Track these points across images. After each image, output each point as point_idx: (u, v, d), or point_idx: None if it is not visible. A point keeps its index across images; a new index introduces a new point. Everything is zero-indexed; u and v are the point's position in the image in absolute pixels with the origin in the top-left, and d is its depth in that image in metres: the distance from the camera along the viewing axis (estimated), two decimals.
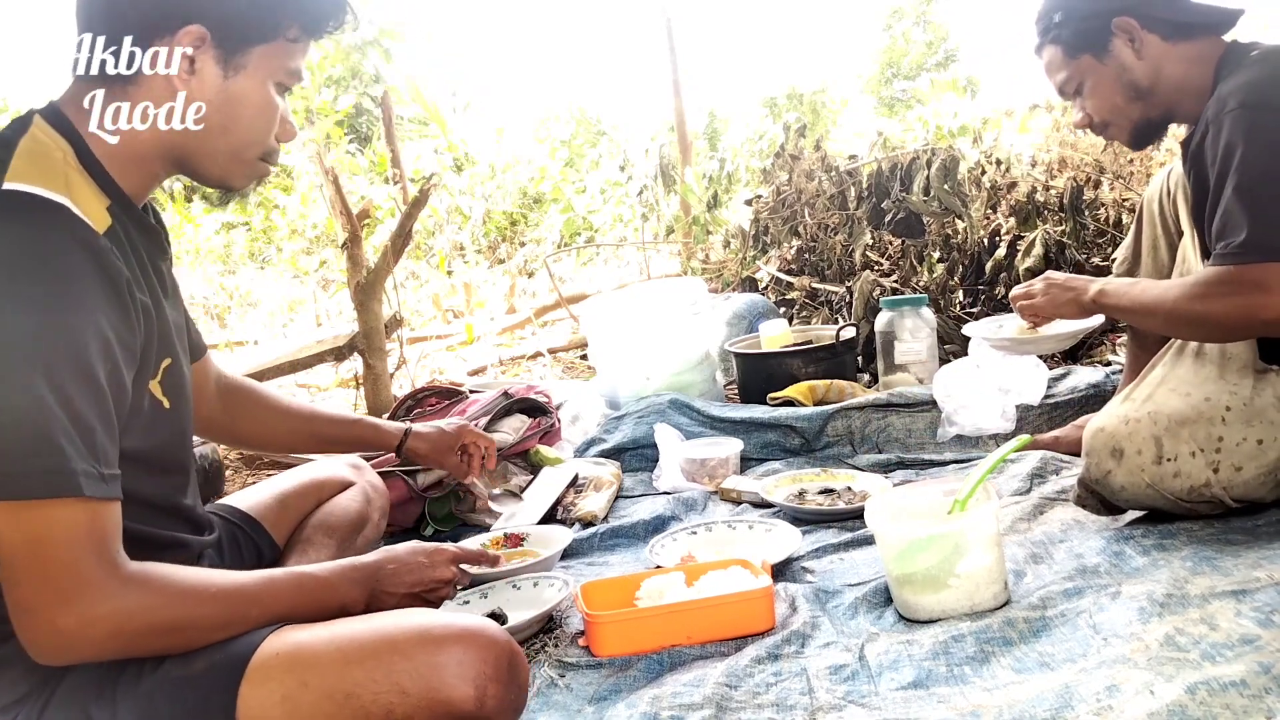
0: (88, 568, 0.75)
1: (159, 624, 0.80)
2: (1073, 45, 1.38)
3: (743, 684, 1.06)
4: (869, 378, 2.52)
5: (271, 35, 0.90)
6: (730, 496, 1.82)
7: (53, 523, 0.74)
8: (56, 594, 0.74)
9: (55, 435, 0.74)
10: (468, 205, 7.52)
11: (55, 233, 0.78)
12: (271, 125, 0.94)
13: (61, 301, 0.76)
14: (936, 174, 2.95)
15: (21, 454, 0.73)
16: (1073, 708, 0.89)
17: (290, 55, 0.93)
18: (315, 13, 0.94)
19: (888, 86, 15.21)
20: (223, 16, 0.87)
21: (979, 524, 1.16)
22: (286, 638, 0.84)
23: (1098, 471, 1.26)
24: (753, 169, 5.98)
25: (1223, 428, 1.20)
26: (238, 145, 0.93)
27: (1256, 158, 1.16)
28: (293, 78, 0.94)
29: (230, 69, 0.89)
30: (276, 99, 0.94)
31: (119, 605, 0.76)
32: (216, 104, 0.90)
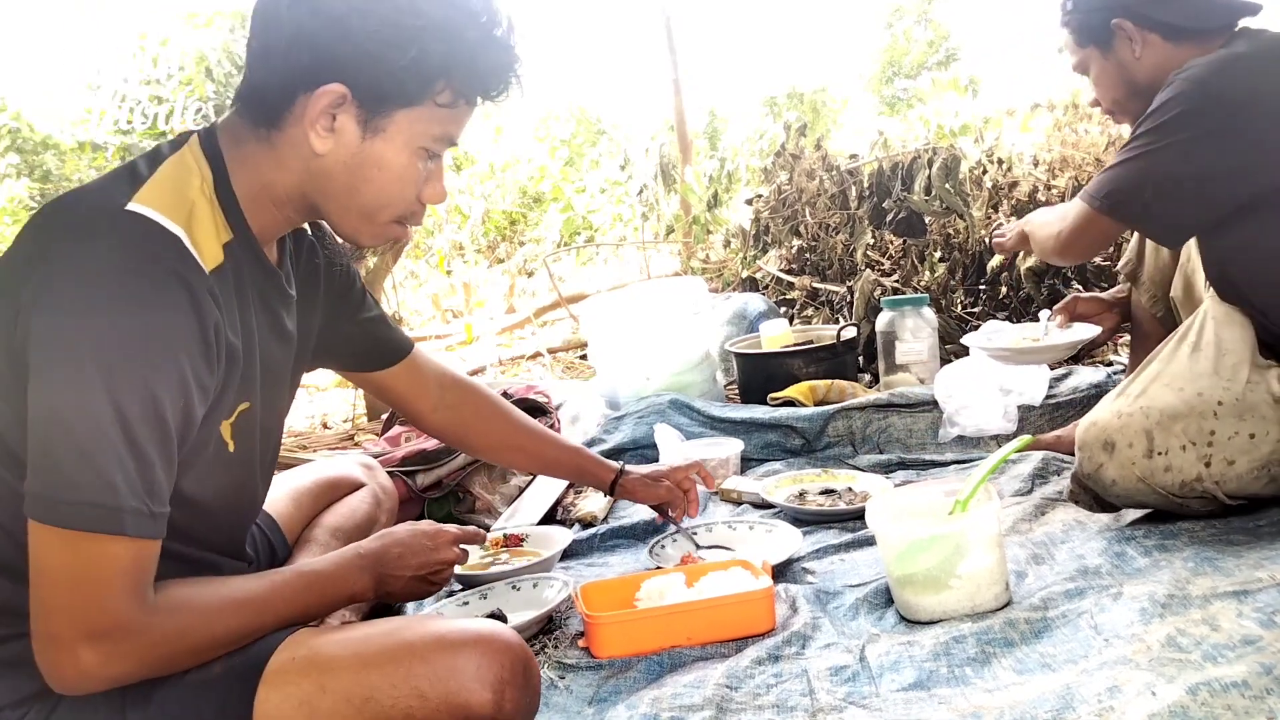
0: (121, 606, 0.75)
1: (179, 650, 0.80)
2: (1081, 35, 1.43)
3: (743, 685, 1.06)
4: (870, 378, 2.52)
5: (417, 99, 0.85)
6: (731, 497, 1.82)
7: (94, 557, 0.74)
8: (86, 629, 0.74)
9: (111, 470, 0.73)
10: (467, 204, 7.51)
11: (160, 265, 0.77)
12: (410, 190, 0.90)
13: (146, 334, 0.75)
14: (938, 173, 2.94)
15: (75, 484, 0.73)
16: (1074, 709, 0.89)
17: (440, 121, 0.87)
18: (469, 76, 0.87)
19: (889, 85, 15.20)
20: (366, 76, 0.83)
21: (980, 525, 1.15)
22: (304, 642, 0.84)
23: (1090, 466, 1.26)
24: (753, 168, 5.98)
25: (1214, 422, 1.20)
26: (368, 207, 0.89)
27: (1161, 127, 1.26)
28: (442, 144, 0.90)
29: (369, 130, 0.85)
30: (418, 164, 0.89)
31: (143, 640, 0.77)
32: (351, 164, 0.86)
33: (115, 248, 0.76)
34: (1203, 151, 1.23)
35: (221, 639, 0.83)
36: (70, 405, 0.73)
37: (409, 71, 0.83)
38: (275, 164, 0.88)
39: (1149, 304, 1.64)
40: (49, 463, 0.74)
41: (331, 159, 0.86)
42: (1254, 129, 1.21)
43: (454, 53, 0.84)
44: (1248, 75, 1.24)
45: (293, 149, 0.87)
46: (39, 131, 10.07)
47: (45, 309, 0.75)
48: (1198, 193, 1.26)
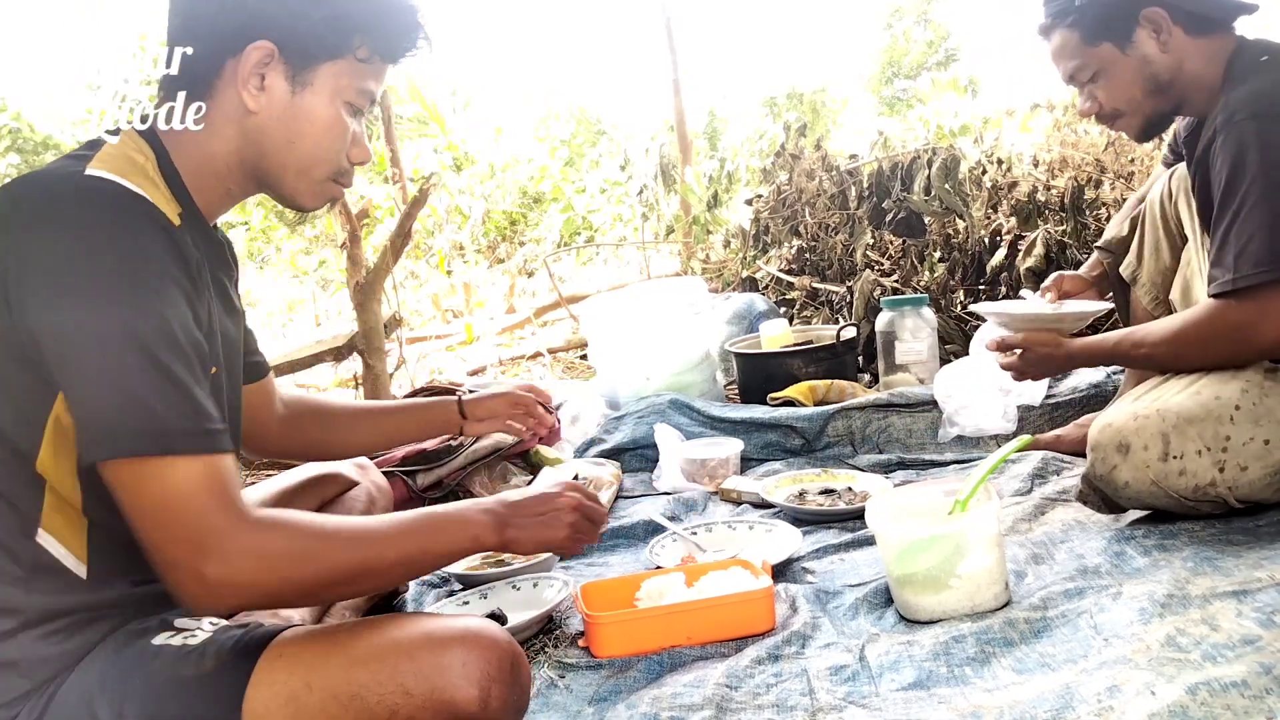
0: (213, 517, 0.76)
1: (297, 568, 0.80)
2: (1094, 32, 1.33)
3: (743, 685, 1.06)
4: (869, 378, 2.52)
5: (339, 52, 0.91)
6: (730, 497, 1.82)
7: (168, 480, 0.76)
8: (192, 545, 0.76)
9: (145, 396, 0.76)
10: (467, 205, 7.51)
11: (136, 216, 0.81)
12: (340, 144, 0.95)
13: (144, 275, 0.79)
14: (937, 173, 2.94)
15: (118, 416, 0.75)
16: (1074, 708, 0.89)
17: (360, 75, 0.93)
18: (386, 32, 0.93)
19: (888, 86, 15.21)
20: (291, 33, 0.88)
21: (980, 524, 1.15)
22: (292, 640, 0.85)
23: (1103, 467, 1.26)
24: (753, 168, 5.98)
25: (1230, 427, 1.19)
26: (305, 162, 0.94)
27: (1263, 175, 1.15)
28: (364, 98, 0.94)
29: (297, 85, 0.90)
30: (347, 119, 0.94)
31: (254, 548, 0.78)
32: (284, 119, 0.91)
33: (88, 201, 0.79)
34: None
35: (343, 568, 0.84)
36: (89, 347, 0.76)
37: (330, 25, 0.89)
38: (211, 134, 0.91)
39: (1150, 305, 1.63)
40: (90, 407, 0.76)
41: (265, 115, 0.91)
42: None
43: (368, 9, 0.91)
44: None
45: (225, 115, 0.91)
46: (39, 132, 10.06)
47: (34, 268, 0.77)
48: None
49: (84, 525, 0.84)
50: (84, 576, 0.84)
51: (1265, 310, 1.17)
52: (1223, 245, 1.21)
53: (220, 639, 0.85)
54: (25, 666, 0.80)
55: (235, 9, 0.88)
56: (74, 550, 0.84)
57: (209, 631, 0.86)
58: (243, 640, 0.85)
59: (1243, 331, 1.19)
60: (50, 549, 0.82)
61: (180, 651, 0.83)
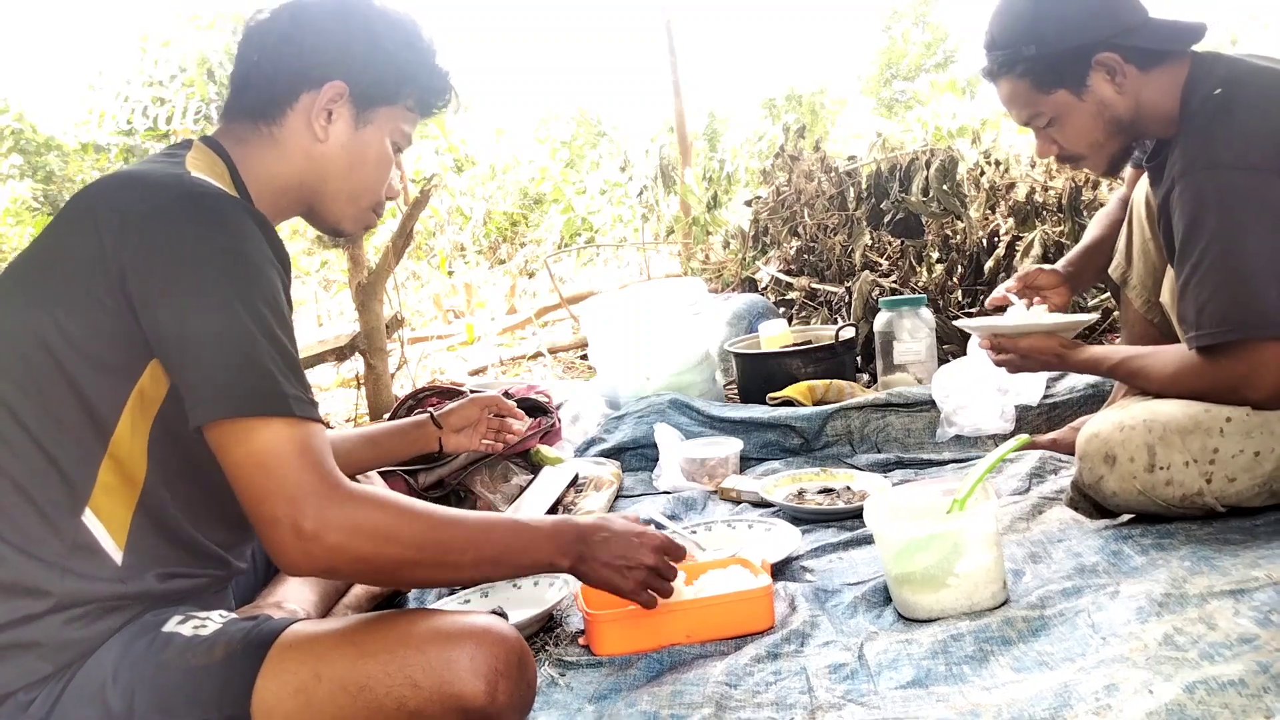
0: (311, 478, 0.80)
1: (383, 544, 0.83)
2: (1046, 80, 1.29)
3: (742, 683, 1.07)
4: (868, 378, 2.52)
5: (395, 99, 1.05)
6: (730, 496, 1.83)
7: (271, 439, 0.80)
8: (289, 502, 0.79)
9: (264, 361, 0.82)
10: (468, 206, 7.52)
11: (240, 212, 0.88)
12: (386, 176, 1.07)
13: (253, 252, 0.86)
14: (935, 175, 2.95)
15: (236, 377, 0.81)
16: (1071, 707, 0.89)
17: (405, 120, 1.07)
18: (429, 88, 1.08)
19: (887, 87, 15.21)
20: (361, 78, 1.01)
21: (978, 523, 1.16)
22: (302, 631, 0.86)
23: (1090, 477, 1.26)
24: (752, 170, 5.98)
25: (1220, 439, 1.19)
26: (357, 189, 1.05)
27: (1222, 229, 1.15)
28: (405, 140, 1.08)
29: (360, 122, 1.03)
30: (390, 155, 1.07)
31: (347, 515, 0.81)
32: (346, 149, 1.03)
33: (198, 197, 0.87)
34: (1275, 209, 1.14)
35: (425, 553, 0.87)
36: (210, 313, 0.82)
37: (393, 76, 1.04)
38: (280, 154, 1.01)
39: (1141, 307, 1.63)
40: (203, 369, 0.81)
41: (330, 145, 1.02)
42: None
43: (421, 66, 1.06)
44: (1249, 134, 1.18)
45: (295, 139, 1.01)
46: (42, 133, 10.07)
47: (155, 256, 0.83)
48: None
49: (131, 508, 0.86)
50: (119, 563, 0.85)
51: (1252, 367, 1.15)
52: (1183, 300, 1.21)
53: (231, 630, 0.86)
54: (48, 650, 0.81)
55: (317, 52, 1.00)
56: (114, 534, 0.85)
57: (219, 623, 0.87)
58: (253, 632, 0.86)
59: (1238, 392, 1.18)
60: (92, 529, 0.84)
61: (191, 641, 0.84)
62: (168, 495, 0.88)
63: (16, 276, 0.91)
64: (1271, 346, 1.14)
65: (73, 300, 0.85)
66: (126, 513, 0.86)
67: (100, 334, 0.84)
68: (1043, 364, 1.45)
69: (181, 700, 0.81)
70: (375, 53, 1.02)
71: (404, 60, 1.04)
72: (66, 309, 0.85)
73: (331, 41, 1.00)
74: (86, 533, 0.84)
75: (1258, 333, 1.14)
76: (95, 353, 0.84)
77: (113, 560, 0.85)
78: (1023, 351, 1.43)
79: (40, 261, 0.90)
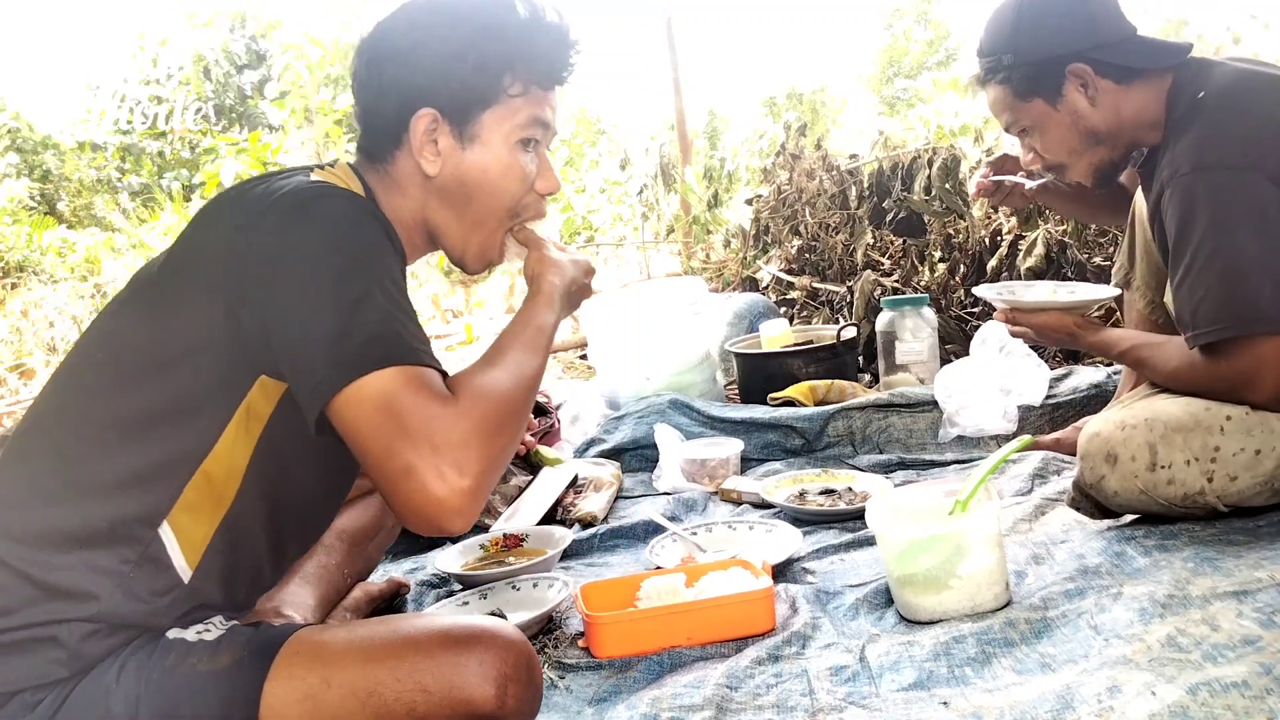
0: (436, 411, 0.77)
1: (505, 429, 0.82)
2: (1024, 88, 1.35)
3: (743, 685, 1.06)
4: (870, 378, 2.52)
5: (493, 98, 0.95)
6: (730, 497, 1.82)
7: (396, 384, 0.77)
8: (429, 442, 0.75)
9: (390, 320, 0.80)
10: None
11: (368, 209, 0.88)
12: (518, 185, 0.99)
13: (379, 240, 0.86)
14: (938, 173, 2.94)
15: (365, 335, 0.78)
16: (1074, 709, 0.89)
17: (524, 110, 0.96)
18: (534, 62, 0.96)
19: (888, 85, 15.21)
20: (445, 94, 0.94)
21: (980, 525, 1.15)
22: (310, 637, 0.85)
23: (1092, 476, 1.26)
24: (753, 168, 5.97)
25: (1220, 437, 1.19)
26: (481, 212, 0.99)
27: (1213, 228, 1.16)
28: (536, 129, 0.98)
29: (465, 141, 0.96)
30: (519, 158, 0.98)
31: (471, 426, 0.78)
32: (460, 175, 0.97)
33: (333, 190, 0.87)
34: (1267, 213, 1.15)
35: (520, 412, 0.86)
36: (340, 287, 0.80)
37: (476, 75, 0.93)
38: (400, 193, 0.99)
39: (1145, 308, 1.62)
40: (331, 340, 0.78)
41: (443, 176, 0.97)
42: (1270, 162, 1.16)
43: (509, 45, 0.94)
44: (1233, 135, 1.20)
45: (410, 177, 0.98)
46: (38, 131, 10.06)
47: (288, 234, 0.83)
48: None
49: (213, 526, 0.86)
50: (184, 581, 0.85)
51: (1252, 364, 1.16)
52: (1178, 300, 1.22)
53: (235, 635, 0.86)
54: (68, 656, 0.81)
55: (392, 89, 0.95)
56: (186, 551, 0.85)
57: (223, 628, 0.87)
58: (259, 637, 0.85)
59: (1238, 391, 1.19)
60: (166, 543, 0.84)
61: (195, 645, 0.84)
62: (254, 512, 0.87)
63: (143, 281, 0.92)
64: (1269, 343, 1.15)
65: (190, 313, 0.85)
66: (206, 532, 0.86)
67: (214, 345, 0.84)
68: (1057, 340, 1.46)
69: (187, 706, 0.81)
70: (448, 60, 0.93)
71: (488, 53, 0.93)
72: (184, 322, 0.85)
73: (407, 66, 0.94)
74: (159, 545, 0.84)
75: (1253, 329, 1.15)
76: (208, 363, 0.84)
77: (180, 578, 0.85)
78: (1038, 326, 1.45)
79: (168, 268, 0.90)
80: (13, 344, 5.04)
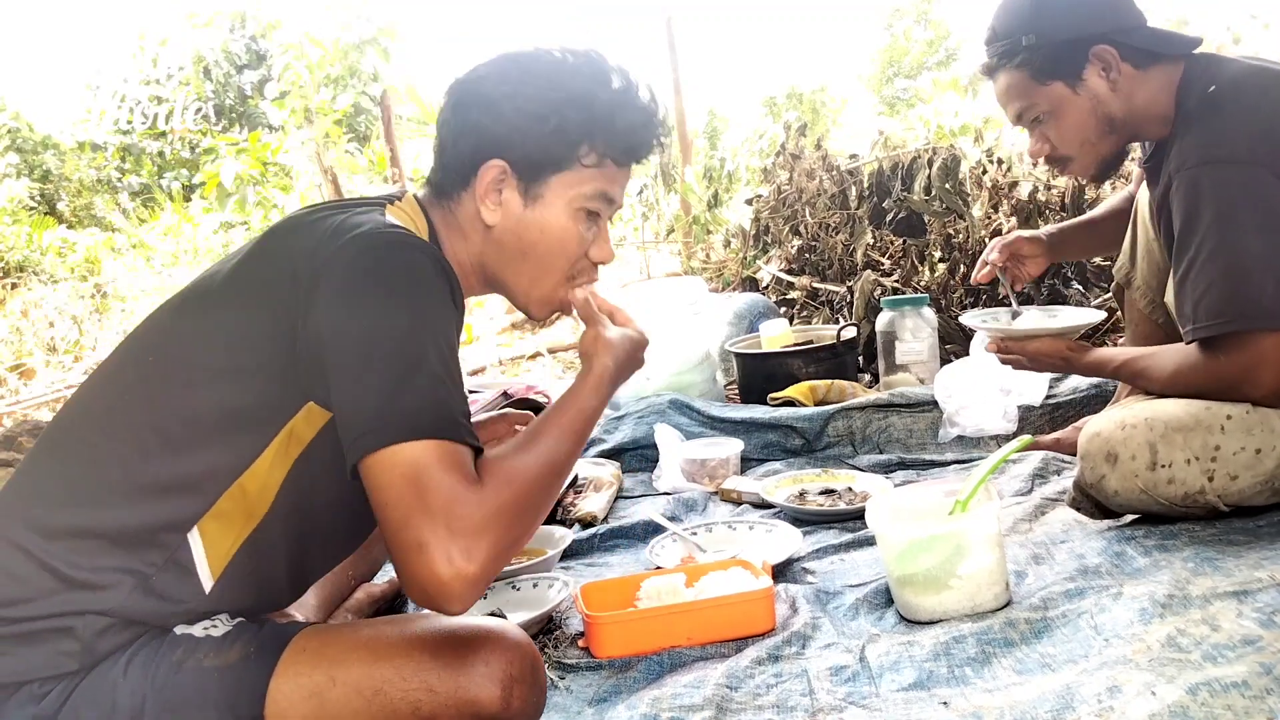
0: (465, 495, 0.77)
1: (519, 525, 0.81)
2: (1043, 71, 1.30)
3: (743, 685, 1.06)
4: (870, 378, 2.52)
5: (565, 164, 0.96)
6: (730, 497, 1.82)
7: (430, 458, 0.77)
8: (446, 523, 0.75)
9: (438, 390, 0.80)
10: None
11: (433, 258, 0.88)
12: (572, 250, 1.00)
13: (441, 301, 0.86)
14: (938, 173, 2.94)
15: (410, 402, 0.78)
16: (1074, 709, 0.89)
17: (591, 181, 0.97)
18: (609, 137, 0.97)
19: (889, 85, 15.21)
20: (520, 150, 0.95)
21: (980, 525, 1.15)
22: (316, 635, 0.86)
23: (1092, 476, 1.26)
24: (753, 168, 5.97)
25: (1221, 436, 1.19)
26: (536, 273, 1.00)
27: (1218, 223, 1.16)
28: (601, 202, 0.99)
29: (530, 198, 0.97)
30: (578, 226, 0.99)
31: (490, 516, 0.77)
32: (517, 231, 0.98)
33: (404, 242, 0.87)
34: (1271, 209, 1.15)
35: (544, 501, 0.86)
36: (398, 349, 0.80)
37: (553, 139, 0.95)
38: (460, 234, 1.00)
39: (1146, 308, 1.62)
40: (381, 398, 0.79)
41: (501, 228, 0.98)
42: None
43: (592, 117, 0.95)
44: (1243, 130, 1.19)
45: (471, 221, 0.99)
46: (38, 131, 10.06)
47: (355, 286, 0.83)
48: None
49: (239, 539, 0.86)
50: (206, 591, 0.85)
51: (1252, 360, 1.16)
52: (1181, 294, 1.22)
53: (242, 631, 0.86)
54: (82, 649, 0.81)
55: (471, 133, 0.96)
56: (212, 561, 0.85)
57: (229, 625, 0.87)
58: (266, 634, 0.86)
59: (1238, 388, 1.19)
60: (193, 550, 0.84)
61: (203, 641, 0.84)
62: (279, 531, 0.88)
63: (203, 291, 0.92)
64: (1269, 339, 1.15)
65: (248, 330, 0.85)
66: (233, 543, 0.86)
67: (268, 366, 0.85)
68: (1050, 366, 1.45)
69: (194, 701, 0.81)
70: (530, 119, 0.94)
71: (570, 119, 0.94)
72: (240, 338, 0.85)
73: (490, 115, 0.95)
74: (187, 552, 0.84)
75: (1254, 324, 1.15)
76: (259, 384, 0.84)
77: (202, 586, 0.85)
78: (1030, 355, 1.44)
79: (232, 282, 0.90)
80: (13, 344, 5.04)
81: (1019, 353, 1.45)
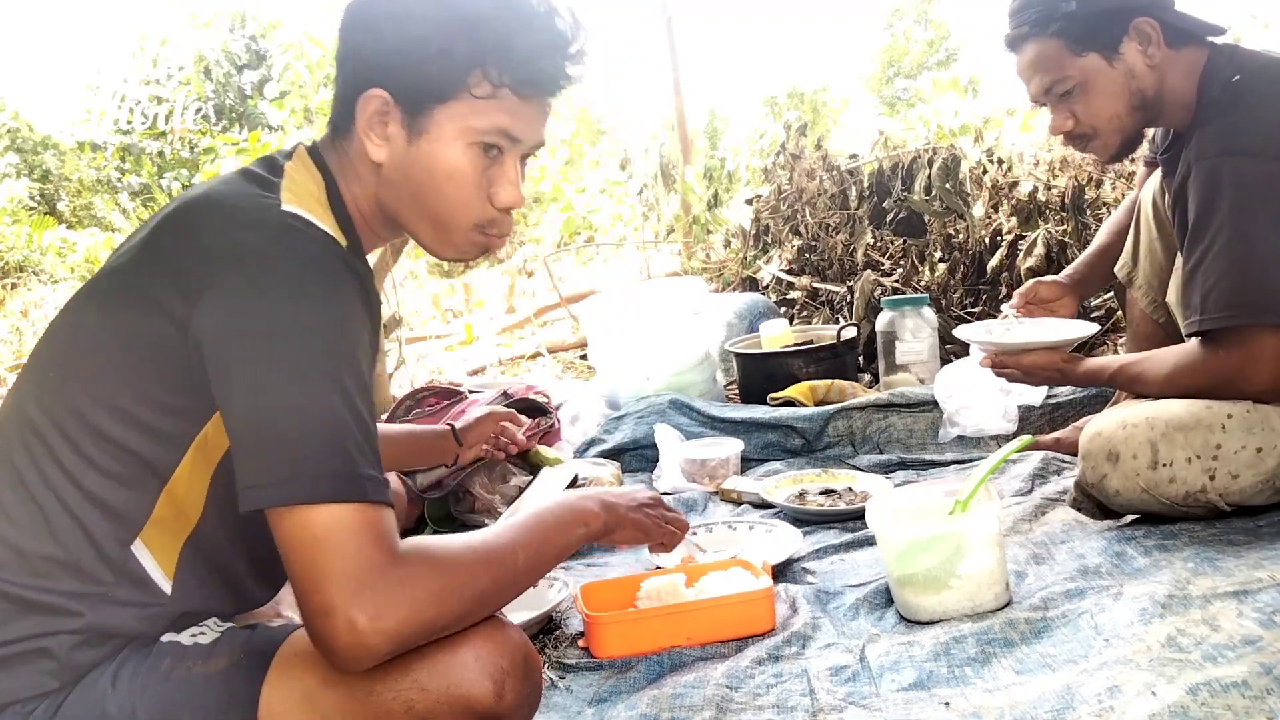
0: (377, 562, 0.74)
1: (443, 611, 0.77)
2: (1081, 41, 1.25)
3: (743, 685, 1.06)
4: (870, 378, 2.52)
5: (450, 93, 0.84)
6: (731, 497, 1.82)
7: (343, 524, 0.73)
8: (351, 591, 0.72)
9: (345, 441, 0.75)
10: None
11: (334, 261, 0.81)
12: (470, 192, 0.88)
13: (344, 315, 0.78)
14: (938, 173, 2.94)
15: (312, 460, 0.74)
16: (1074, 709, 0.89)
17: (484, 114, 0.85)
18: (505, 64, 0.84)
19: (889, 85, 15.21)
20: (401, 78, 0.84)
21: (980, 525, 1.15)
22: (306, 637, 0.84)
23: (1093, 475, 1.26)
24: (753, 168, 5.97)
25: (1222, 435, 1.19)
26: (437, 214, 0.89)
27: (1233, 215, 1.15)
28: (500, 137, 0.87)
29: (413, 133, 0.86)
30: (473, 164, 0.87)
31: (405, 593, 0.74)
32: (405, 169, 0.87)
33: (296, 242, 0.79)
34: None
35: (478, 596, 0.81)
36: (295, 389, 0.74)
37: (437, 64, 0.83)
38: (355, 176, 0.90)
39: (1147, 307, 1.62)
40: (279, 449, 0.74)
41: (390, 166, 0.87)
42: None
43: (484, 41, 0.83)
44: (1266, 123, 1.18)
45: (361, 159, 0.89)
46: (38, 131, 10.06)
47: (242, 305, 0.76)
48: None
49: (182, 539, 0.84)
50: (168, 592, 0.84)
51: (1250, 356, 1.16)
52: (1190, 284, 1.21)
53: (232, 638, 0.85)
54: (59, 667, 0.80)
55: (351, 58, 0.87)
56: (162, 564, 0.83)
57: (218, 630, 0.86)
58: (256, 639, 0.85)
59: (1234, 384, 1.19)
60: (141, 559, 0.82)
61: (191, 649, 0.83)
62: (220, 532, 0.86)
63: (102, 289, 0.86)
64: (1269, 336, 1.15)
65: (144, 335, 0.80)
66: (177, 544, 0.84)
67: (169, 377, 0.79)
68: (1045, 379, 1.45)
69: (185, 710, 0.80)
70: (413, 41, 0.83)
71: (457, 43, 0.82)
72: (136, 343, 0.80)
73: (371, 37, 0.85)
74: (136, 563, 0.82)
75: (1260, 319, 1.15)
76: (160, 394, 0.80)
77: (162, 590, 0.84)
78: (1025, 368, 1.43)
79: (123, 278, 0.84)
80: (13, 344, 5.04)
81: (1014, 366, 1.44)
